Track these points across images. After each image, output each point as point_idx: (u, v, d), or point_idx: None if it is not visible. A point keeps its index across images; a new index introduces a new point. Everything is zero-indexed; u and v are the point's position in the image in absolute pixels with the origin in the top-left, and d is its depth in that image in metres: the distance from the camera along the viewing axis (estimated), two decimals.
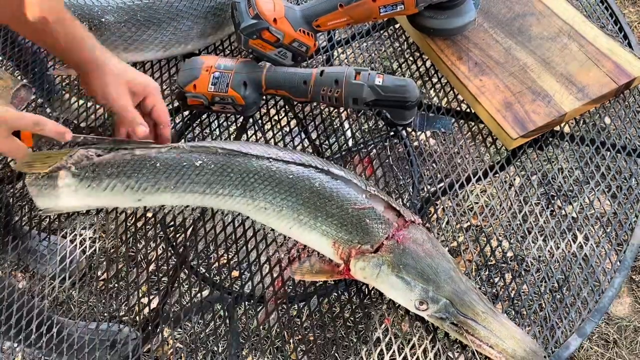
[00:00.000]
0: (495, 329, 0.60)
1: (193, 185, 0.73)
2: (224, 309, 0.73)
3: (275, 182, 0.70)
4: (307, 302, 0.71)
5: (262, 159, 0.72)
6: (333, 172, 0.71)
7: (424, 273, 0.63)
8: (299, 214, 0.69)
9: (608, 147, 0.81)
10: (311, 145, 0.90)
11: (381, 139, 0.85)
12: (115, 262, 0.76)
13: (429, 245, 0.65)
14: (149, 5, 0.88)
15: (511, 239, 0.74)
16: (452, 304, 0.61)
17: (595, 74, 0.82)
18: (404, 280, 0.63)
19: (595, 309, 0.67)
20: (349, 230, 0.67)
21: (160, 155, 0.74)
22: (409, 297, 0.63)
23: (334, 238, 0.68)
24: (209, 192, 0.73)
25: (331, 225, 0.67)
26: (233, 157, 0.73)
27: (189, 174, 0.72)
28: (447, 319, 0.62)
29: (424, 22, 0.86)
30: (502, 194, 0.78)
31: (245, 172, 0.71)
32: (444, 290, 0.62)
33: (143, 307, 0.73)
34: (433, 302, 0.62)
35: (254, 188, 0.71)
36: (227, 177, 0.72)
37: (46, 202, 0.74)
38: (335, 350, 0.69)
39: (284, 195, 0.70)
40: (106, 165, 0.73)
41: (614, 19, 0.96)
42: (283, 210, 0.70)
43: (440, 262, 0.64)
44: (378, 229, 0.66)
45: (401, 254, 0.64)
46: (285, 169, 0.71)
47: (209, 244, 0.76)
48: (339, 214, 0.67)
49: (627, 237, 0.73)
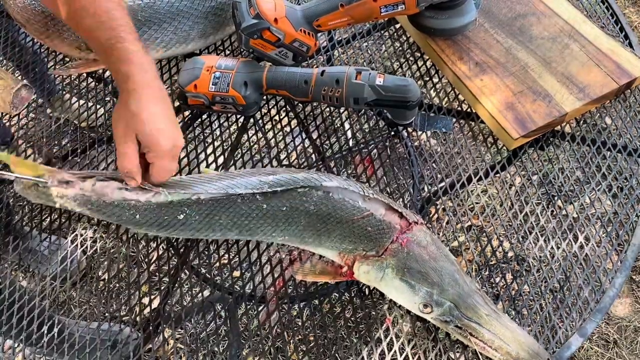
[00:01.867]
0: (499, 332, 0.60)
1: (179, 233, 0.71)
2: (224, 309, 0.73)
3: (270, 218, 0.68)
4: (308, 303, 0.71)
5: (248, 200, 0.68)
6: (326, 186, 0.68)
7: (428, 276, 0.62)
8: (302, 238, 0.69)
9: (609, 147, 0.81)
10: (312, 145, 0.89)
11: (382, 139, 0.85)
12: (116, 262, 0.76)
13: (432, 248, 0.65)
14: (150, 5, 0.88)
15: (512, 239, 0.74)
16: (456, 306, 0.61)
17: (596, 74, 0.82)
18: (408, 283, 0.63)
19: (596, 309, 0.67)
20: (352, 241, 0.66)
21: (140, 206, 0.70)
22: (413, 301, 0.63)
23: (339, 249, 0.68)
24: (198, 235, 0.71)
25: (334, 240, 0.67)
26: (218, 204, 0.69)
27: (173, 226, 0.70)
28: (451, 322, 0.61)
29: (424, 22, 0.86)
30: (502, 194, 0.78)
31: (235, 216, 0.69)
32: (448, 293, 0.62)
33: (144, 308, 0.73)
34: (437, 305, 0.62)
35: (250, 228, 0.69)
36: (216, 224, 0.69)
37: (41, 202, 0.75)
38: (336, 350, 0.69)
39: (282, 227, 0.69)
40: (88, 199, 0.72)
41: (614, 19, 0.96)
42: (286, 238, 0.70)
43: (444, 264, 0.63)
44: (381, 235, 0.66)
45: (405, 257, 0.64)
46: (276, 204, 0.68)
47: (209, 244, 0.76)
48: (340, 229, 0.67)
49: (627, 237, 0.73)
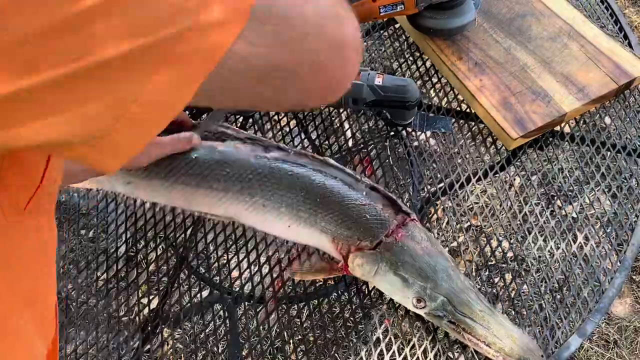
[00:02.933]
0: (493, 328, 0.60)
1: (185, 177, 0.70)
2: (223, 309, 0.73)
3: (274, 179, 0.69)
4: (307, 303, 0.71)
5: (260, 158, 0.71)
6: (332, 171, 0.71)
7: (422, 271, 0.63)
8: (298, 210, 0.68)
9: (608, 147, 0.81)
10: (311, 146, 0.89)
11: (381, 139, 0.85)
12: (115, 262, 0.76)
13: (427, 244, 0.65)
14: None
15: (511, 239, 0.74)
16: (450, 301, 0.61)
17: (595, 74, 0.82)
18: (402, 277, 0.63)
19: (596, 309, 0.67)
20: (348, 226, 0.66)
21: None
22: (406, 295, 0.63)
23: (333, 234, 0.67)
24: (202, 185, 0.69)
25: (331, 221, 0.67)
26: (230, 154, 0.71)
27: (182, 165, 0.70)
28: (444, 317, 0.61)
29: (424, 22, 0.86)
30: (502, 194, 0.78)
31: (242, 168, 0.69)
32: (442, 288, 0.62)
33: (143, 308, 0.73)
34: (430, 299, 0.62)
35: (252, 185, 0.69)
36: (222, 172, 0.69)
37: None
38: (336, 350, 0.69)
39: (283, 192, 0.68)
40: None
41: (614, 19, 0.96)
42: (282, 208, 0.69)
43: (439, 260, 0.64)
44: (377, 226, 0.66)
45: (399, 251, 0.64)
46: (285, 167, 0.70)
47: (208, 244, 0.76)
48: (339, 209, 0.67)
49: (627, 237, 0.73)
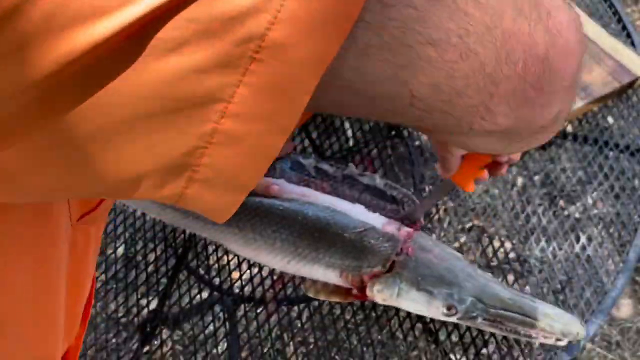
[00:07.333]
0: (527, 311, 0.58)
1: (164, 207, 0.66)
2: (223, 310, 0.73)
3: (263, 213, 0.63)
4: (307, 304, 0.71)
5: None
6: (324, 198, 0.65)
7: (444, 278, 0.60)
8: (297, 247, 0.63)
9: (611, 147, 0.80)
10: (311, 145, 0.89)
11: (382, 138, 0.84)
12: (114, 263, 0.75)
13: (437, 250, 0.62)
14: None
15: (514, 240, 0.74)
16: (479, 299, 0.59)
17: (598, 73, 0.81)
18: (426, 291, 0.60)
19: (598, 310, 0.66)
20: (355, 256, 0.62)
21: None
22: (435, 306, 0.60)
23: (340, 267, 0.62)
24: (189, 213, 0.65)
25: (335, 254, 0.62)
26: None
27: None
28: (478, 316, 0.59)
29: None
30: (504, 194, 0.77)
31: None
32: (467, 288, 0.59)
33: (142, 309, 0.73)
34: (460, 303, 0.59)
35: (241, 219, 0.63)
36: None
37: None
38: (336, 352, 0.69)
39: (275, 227, 0.63)
40: None
41: (617, 18, 0.95)
42: (277, 244, 0.63)
43: (454, 262, 0.61)
44: (385, 247, 0.62)
45: (415, 266, 0.61)
46: (273, 202, 0.64)
47: (208, 245, 0.75)
48: (341, 241, 0.62)
49: (630, 237, 0.72)
